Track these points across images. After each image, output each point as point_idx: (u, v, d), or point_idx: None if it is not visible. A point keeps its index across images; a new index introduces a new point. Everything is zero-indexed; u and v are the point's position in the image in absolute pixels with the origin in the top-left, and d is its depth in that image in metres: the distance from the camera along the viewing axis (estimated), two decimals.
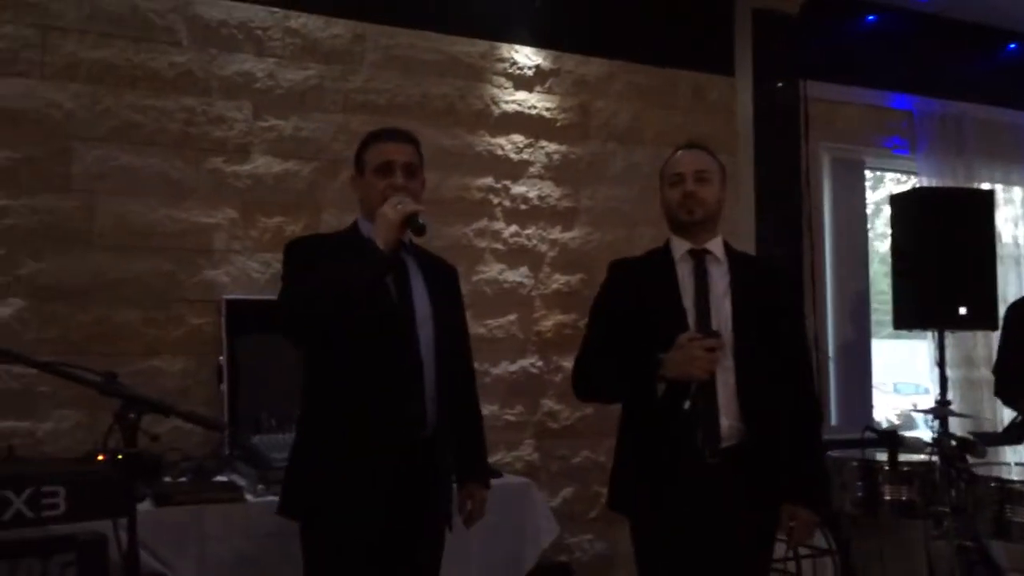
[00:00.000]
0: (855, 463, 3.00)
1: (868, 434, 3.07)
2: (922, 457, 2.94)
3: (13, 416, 3.25)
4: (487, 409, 4.01)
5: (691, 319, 2.45)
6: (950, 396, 4.68)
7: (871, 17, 5.21)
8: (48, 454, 3.21)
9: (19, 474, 1.90)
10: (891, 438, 2.95)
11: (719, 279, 2.53)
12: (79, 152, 3.43)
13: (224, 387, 3.42)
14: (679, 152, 2.66)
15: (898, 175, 5.85)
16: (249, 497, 2.89)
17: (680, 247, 2.57)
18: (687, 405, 2.35)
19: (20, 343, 3.25)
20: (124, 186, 3.48)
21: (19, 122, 3.34)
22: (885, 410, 12.76)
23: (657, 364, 2.36)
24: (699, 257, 2.54)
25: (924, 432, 5.28)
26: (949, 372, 4.89)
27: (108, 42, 3.49)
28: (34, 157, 3.35)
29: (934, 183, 5.22)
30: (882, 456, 3.08)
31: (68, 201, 3.40)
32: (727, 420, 2.42)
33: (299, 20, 3.84)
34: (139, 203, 3.50)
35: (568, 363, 4.19)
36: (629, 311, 2.51)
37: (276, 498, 2.46)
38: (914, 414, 3.79)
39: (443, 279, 2.55)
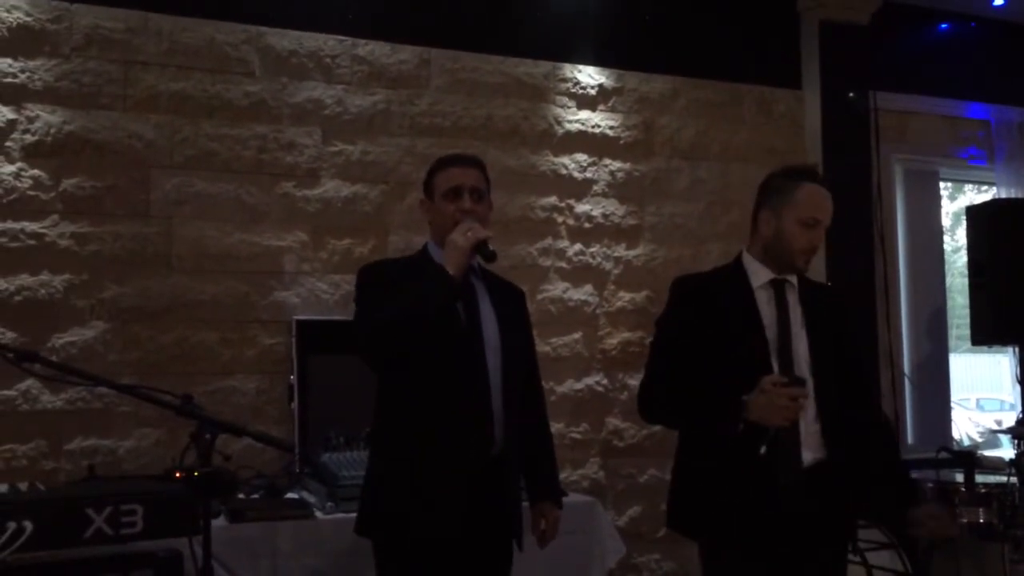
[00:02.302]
0: (930, 484, 2.92)
1: (943, 454, 2.98)
2: (1001, 478, 2.84)
3: (96, 435, 3.39)
4: (553, 427, 3.99)
5: (772, 351, 2.38)
6: None
7: (943, 25, 5.09)
8: (128, 471, 3.34)
9: (99, 493, 1.99)
10: (967, 459, 2.87)
11: (794, 308, 2.46)
12: (158, 180, 3.57)
13: (295, 405, 3.51)
14: (814, 187, 2.41)
15: (979, 185, 5.68)
16: (319, 514, 2.96)
17: (761, 275, 2.44)
18: (763, 450, 2.27)
19: (103, 364, 3.40)
20: (200, 211, 3.62)
21: (103, 153, 3.50)
22: (967, 427, 12.36)
23: (739, 406, 2.27)
24: (779, 287, 2.44)
25: (1008, 451, 5.10)
26: None
27: (186, 74, 3.64)
28: (116, 185, 3.51)
29: (1013, 193, 5.06)
30: (959, 477, 3.00)
31: (148, 227, 3.54)
32: (809, 453, 2.37)
33: (366, 47, 3.94)
34: (214, 228, 3.63)
35: (633, 381, 4.21)
36: (704, 335, 2.39)
37: (345, 515, 2.52)
38: (999, 432, 3.66)
39: (511, 302, 2.59)
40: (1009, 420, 4.60)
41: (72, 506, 1.91)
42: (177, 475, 2.74)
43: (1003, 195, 5.09)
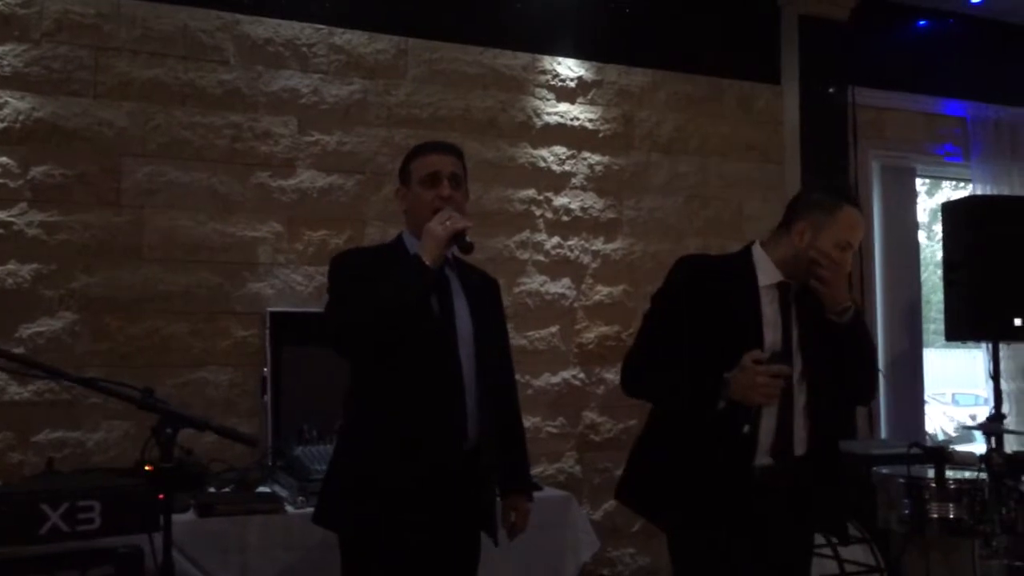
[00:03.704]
0: (901, 480, 2.93)
1: (915, 450, 3.00)
2: (970, 474, 2.86)
3: (64, 427, 3.35)
4: (528, 421, 4.01)
5: (768, 347, 2.34)
6: (1005, 409, 4.55)
7: (922, 22, 5.11)
8: (97, 464, 3.29)
9: (56, 489, 1.95)
10: (938, 454, 2.88)
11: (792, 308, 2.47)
12: (130, 168, 3.52)
13: (267, 398, 3.48)
14: (856, 212, 2.40)
15: (956, 181, 5.72)
16: (290, 508, 2.93)
17: (770, 275, 2.41)
18: (746, 429, 2.27)
19: (72, 355, 3.35)
20: (173, 201, 3.57)
21: (72, 140, 3.44)
22: (942, 422, 12.48)
23: (721, 383, 2.27)
24: (784, 290, 2.42)
25: (981, 446, 5.14)
26: (1004, 384, 4.76)
27: (159, 61, 3.59)
28: (86, 174, 3.46)
29: (988, 190, 5.10)
30: (930, 473, 3.01)
31: (119, 216, 3.49)
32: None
33: (343, 36, 3.89)
34: (187, 217, 3.59)
35: (610, 375, 4.21)
36: (702, 322, 2.35)
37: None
38: (971, 429, 3.68)
39: (485, 293, 2.56)
40: (983, 415, 4.63)
41: (27, 503, 1.88)
42: (148, 468, 2.70)
43: (979, 192, 5.12)
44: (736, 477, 2.33)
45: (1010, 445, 4.48)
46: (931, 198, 12.03)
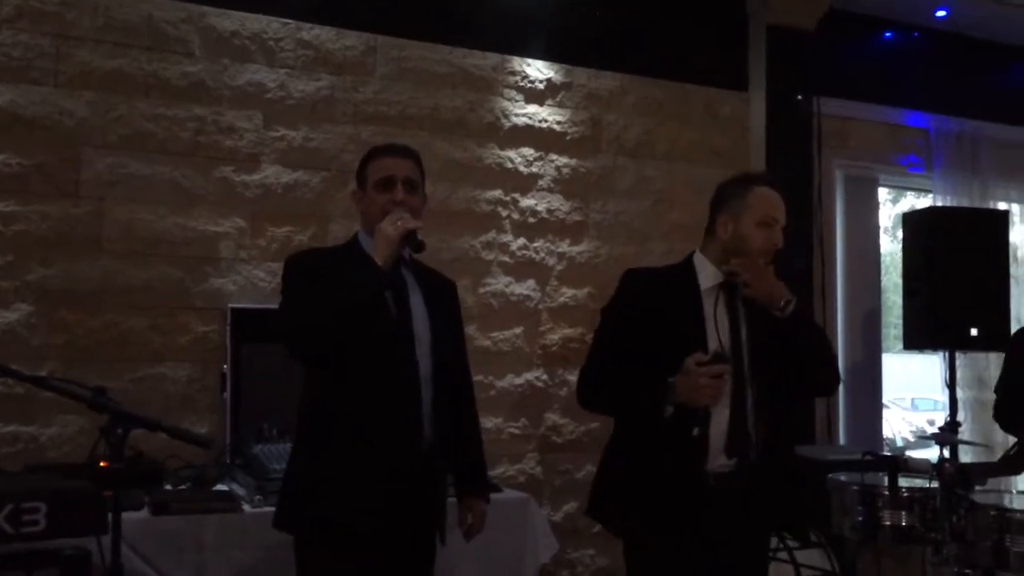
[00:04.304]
0: (855, 487, 2.97)
1: (868, 458, 3.04)
2: (922, 483, 2.91)
3: (17, 421, 3.29)
4: (491, 422, 4.04)
5: (712, 350, 2.37)
6: (961, 417, 4.64)
7: (887, 34, 5.18)
8: (50, 459, 3.24)
9: (0, 490, 1.91)
10: (891, 462, 2.93)
11: (738, 309, 2.49)
12: (90, 159, 3.47)
13: (227, 395, 3.44)
14: (768, 191, 2.48)
15: (919, 192, 5.80)
16: (247, 507, 2.90)
17: (710, 276, 2.46)
18: (696, 432, 2.30)
19: (27, 348, 3.30)
20: (134, 193, 3.52)
21: (31, 129, 3.38)
22: (901, 427, 12.67)
23: (667, 388, 2.30)
24: (728, 290, 2.45)
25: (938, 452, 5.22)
26: (960, 393, 4.84)
27: (121, 51, 3.53)
28: (45, 164, 3.40)
29: (949, 202, 5.18)
30: (884, 480, 3.05)
31: (78, 208, 3.44)
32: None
33: (311, 32, 3.86)
34: (148, 211, 3.54)
35: (573, 377, 4.19)
36: (648, 333, 2.40)
37: (273, 509, 2.47)
38: (924, 438, 3.75)
39: (441, 294, 2.56)
40: (942, 420, 4.72)
41: None
42: (103, 464, 2.66)
43: (939, 203, 5.20)
44: (689, 481, 2.35)
45: (965, 454, 4.57)
46: (896, 205, 12.21)
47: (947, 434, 3.14)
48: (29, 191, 3.37)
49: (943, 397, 4.84)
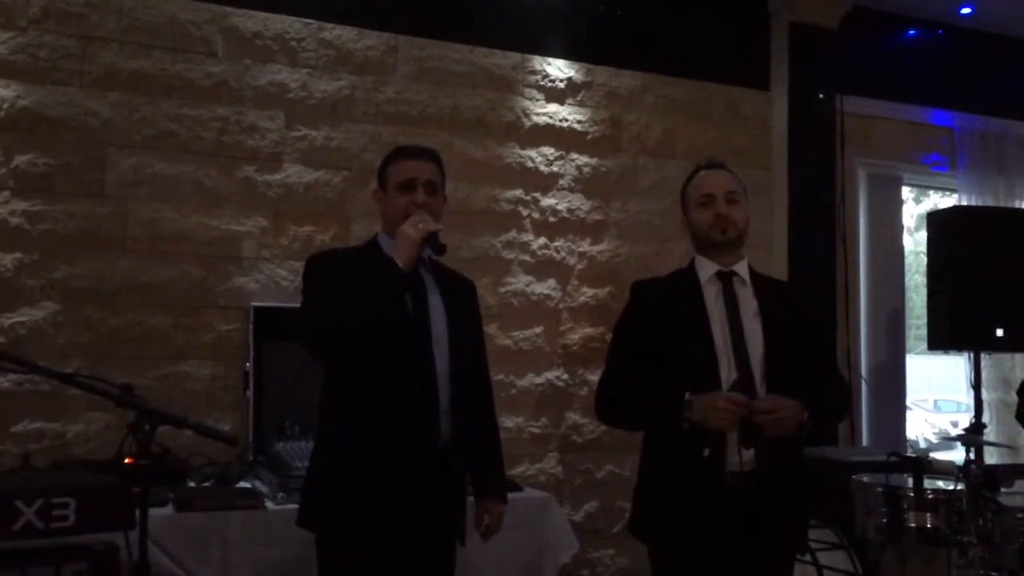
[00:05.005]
0: (880, 488, 2.95)
1: (893, 459, 3.02)
2: (946, 484, 2.88)
3: (43, 418, 3.32)
4: (512, 421, 4.04)
5: (719, 343, 2.40)
6: (986, 418, 4.59)
7: (911, 32, 5.14)
8: (76, 456, 3.27)
9: (30, 485, 1.94)
10: (916, 464, 2.90)
11: (747, 301, 2.49)
12: (115, 159, 3.50)
13: (250, 393, 3.46)
14: (703, 172, 2.59)
15: (943, 191, 5.74)
16: (269, 504, 2.92)
17: (707, 269, 2.51)
18: (707, 453, 2.30)
19: (53, 346, 3.33)
20: (158, 193, 3.55)
21: (57, 129, 3.42)
22: (923, 429, 12.56)
23: (683, 405, 2.31)
24: (727, 280, 2.49)
25: (961, 454, 5.18)
26: (985, 394, 4.79)
27: (146, 52, 3.56)
28: (71, 164, 3.43)
29: (974, 201, 5.13)
30: (910, 482, 3.03)
31: (102, 207, 3.47)
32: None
33: (333, 32, 3.88)
34: (172, 210, 3.57)
35: (594, 376, 4.20)
36: (655, 336, 2.44)
37: (296, 506, 2.49)
38: (949, 440, 3.72)
39: (460, 294, 2.57)
40: (965, 422, 4.66)
41: (1, 499, 1.86)
42: (127, 461, 2.68)
43: (964, 202, 5.15)
44: (707, 481, 2.34)
45: (990, 456, 4.52)
46: (919, 204, 12.09)
47: (972, 435, 3.10)
48: (55, 191, 3.40)
49: (966, 398, 4.80)
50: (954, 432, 4.93)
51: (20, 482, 2.10)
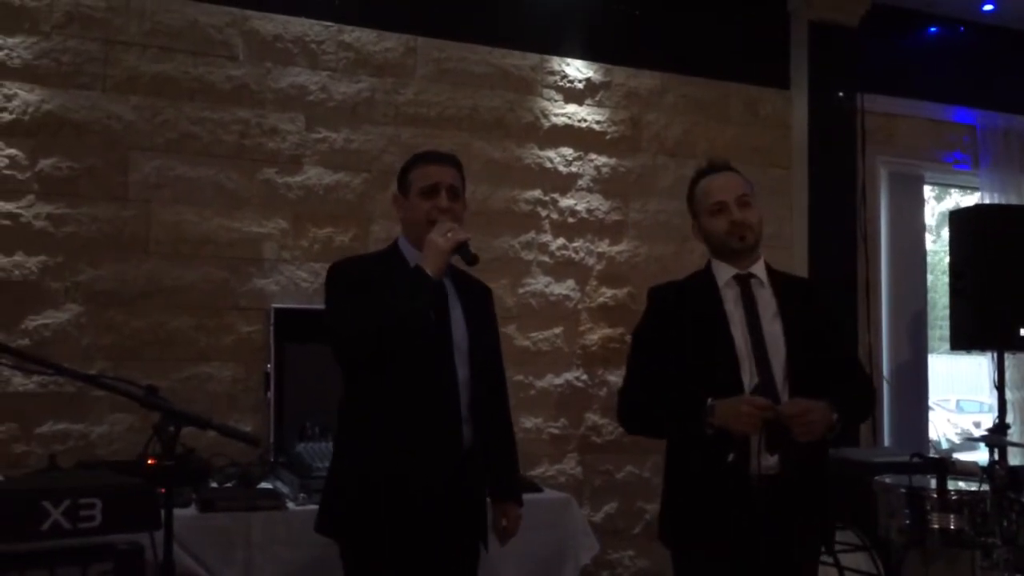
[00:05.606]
0: (903, 490, 2.92)
1: (916, 460, 2.99)
2: (969, 485, 2.85)
3: (68, 419, 3.36)
4: (531, 422, 4.04)
5: (740, 347, 2.39)
6: (1009, 418, 4.54)
7: (932, 29, 5.10)
8: (100, 457, 3.30)
9: (57, 486, 1.96)
10: (939, 465, 2.88)
11: (766, 303, 2.47)
12: (137, 162, 3.53)
13: (271, 395, 3.48)
14: (709, 177, 2.54)
15: (965, 189, 5.69)
16: (291, 505, 2.94)
17: (724, 272, 2.48)
18: (731, 458, 2.28)
19: (77, 348, 3.37)
20: (179, 196, 3.58)
21: (81, 133, 3.45)
22: (946, 429, 12.44)
23: (706, 409, 2.29)
24: (745, 282, 2.47)
25: (984, 454, 5.14)
26: (1009, 394, 4.74)
27: (168, 56, 3.59)
28: (94, 167, 3.47)
29: (997, 199, 5.08)
30: (932, 483, 3.00)
31: (125, 210, 3.50)
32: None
33: (352, 34, 3.90)
34: (193, 212, 3.59)
35: (613, 377, 4.21)
36: (674, 341, 2.42)
37: (316, 507, 2.49)
38: (973, 440, 3.68)
39: (478, 299, 2.57)
40: (988, 422, 4.62)
41: (29, 499, 1.88)
42: (151, 461, 2.71)
43: (987, 200, 5.10)
44: (732, 488, 2.32)
45: (1014, 457, 4.48)
46: (940, 203, 11.98)
47: (996, 436, 3.08)
48: (78, 194, 3.44)
49: (989, 399, 4.75)
50: (977, 433, 4.88)
51: (47, 483, 2.13)
